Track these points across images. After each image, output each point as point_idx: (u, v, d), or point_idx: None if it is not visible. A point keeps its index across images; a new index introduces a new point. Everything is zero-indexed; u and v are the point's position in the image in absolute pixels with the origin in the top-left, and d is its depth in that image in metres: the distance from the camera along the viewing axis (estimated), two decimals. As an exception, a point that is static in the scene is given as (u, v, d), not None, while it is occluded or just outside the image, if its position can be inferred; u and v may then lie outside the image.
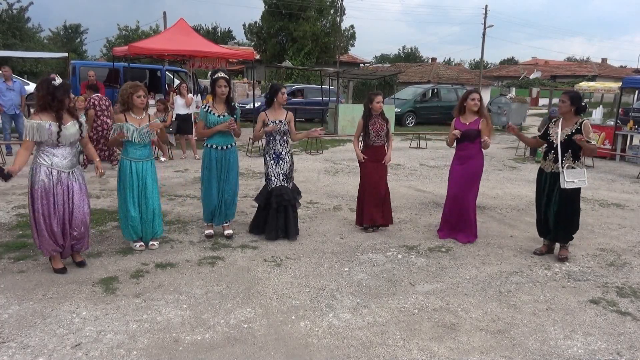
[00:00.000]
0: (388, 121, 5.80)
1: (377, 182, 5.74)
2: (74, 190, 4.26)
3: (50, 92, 4.07)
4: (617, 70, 47.98)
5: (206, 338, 3.39)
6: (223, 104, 5.25)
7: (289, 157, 5.45)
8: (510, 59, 71.26)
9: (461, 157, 5.52)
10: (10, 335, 3.33)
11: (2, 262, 4.56)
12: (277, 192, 5.31)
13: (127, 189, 4.81)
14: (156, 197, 4.98)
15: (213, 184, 5.26)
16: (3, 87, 10.18)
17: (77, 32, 49.91)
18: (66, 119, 4.19)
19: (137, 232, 4.95)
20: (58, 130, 4.09)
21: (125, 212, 4.88)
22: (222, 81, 5.16)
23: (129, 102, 4.78)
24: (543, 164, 5.17)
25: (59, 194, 4.18)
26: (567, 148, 4.92)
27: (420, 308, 3.95)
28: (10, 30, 30.08)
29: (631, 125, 12.93)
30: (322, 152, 12.42)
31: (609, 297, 4.28)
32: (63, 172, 4.21)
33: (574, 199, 5.01)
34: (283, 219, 5.37)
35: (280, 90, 5.37)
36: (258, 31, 36.10)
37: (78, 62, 17.21)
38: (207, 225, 5.51)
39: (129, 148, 4.83)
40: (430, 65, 41.62)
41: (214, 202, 5.31)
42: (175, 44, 12.62)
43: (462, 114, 5.50)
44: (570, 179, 4.85)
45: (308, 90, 20.68)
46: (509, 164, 11.52)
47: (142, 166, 4.85)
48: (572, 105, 4.92)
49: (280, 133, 5.35)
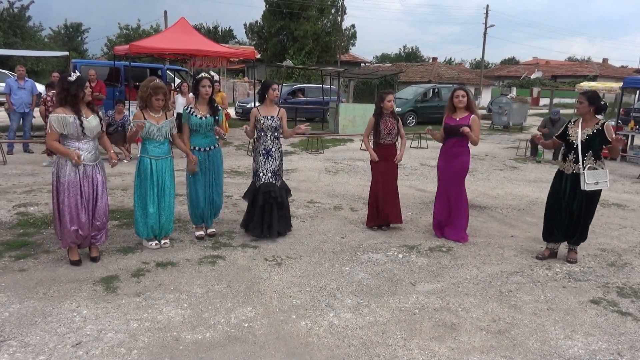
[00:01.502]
0: (399, 120, 5.80)
1: (387, 181, 5.77)
2: (98, 181, 4.47)
3: (65, 88, 4.25)
4: (618, 70, 47.96)
5: (207, 337, 3.39)
6: (206, 105, 5.17)
7: (279, 155, 5.41)
8: (511, 59, 71.28)
9: (447, 154, 5.56)
10: (11, 333, 3.33)
11: (3, 261, 4.56)
12: (264, 189, 5.28)
13: (147, 186, 4.82)
14: (173, 194, 5.02)
15: (199, 187, 5.24)
16: (15, 86, 10.33)
17: (78, 31, 49.88)
18: (87, 113, 4.37)
19: (155, 229, 4.95)
20: (80, 123, 4.24)
21: (144, 210, 4.86)
22: (207, 81, 5.11)
23: (148, 102, 4.79)
24: (562, 166, 4.99)
25: (85, 187, 4.36)
26: (588, 148, 4.79)
27: (421, 308, 3.95)
28: (11, 29, 30.12)
29: (632, 125, 12.93)
30: (323, 151, 12.42)
31: (610, 298, 4.28)
32: (88, 165, 4.37)
33: (596, 200, 4.93)
34: (269, 217, 5.33)
35: (271, 87, 5.29)
36: (259, 30, 36.12)
37: (79, 60, 17.21)
38: (197, 227, 5.47)
39: (148, 146, 4.85)
40: (431, 64, 41.65)
41: (202, 205, 5.29)
42: (176, 43, 12.62)
43: (453, 112, 5.53)
44: (591, 181, 4.73)
45: (309, 89, 20.68)
46: (509, 164, 11.51)
47: (161, 164, 4.87)
48: (590, 105, 4.82)
49: (271, 129, 5.31)
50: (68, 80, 4.24)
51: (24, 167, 9.01)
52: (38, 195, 6.97)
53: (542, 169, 11.01)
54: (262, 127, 5.28)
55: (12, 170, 8.67)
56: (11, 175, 8.33)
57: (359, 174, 9.46)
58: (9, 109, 10.42)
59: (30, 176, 8.24)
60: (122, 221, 5.86)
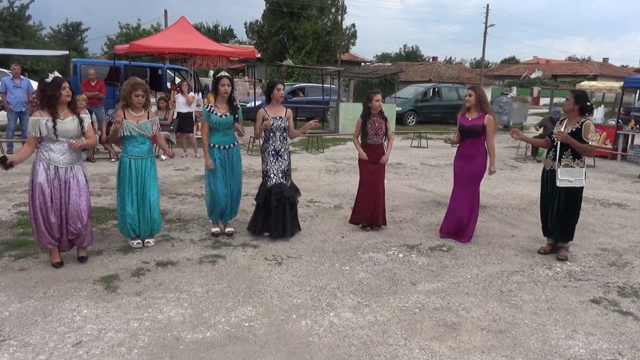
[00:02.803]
0: (387, 120, 5.75)
1: (374, 182, 5.73)
2: (71, 185, 4.35)
3: (41, 89, 4.22)
4: (619, 69, 47.93)
5: (207, 336, 3.39)
6: (225, 103, 5.22)
7: (287, 155, 5.42)
8: (512, 58, 71.22)
9: (463, 155, 5.50)
10: (11, 333, 3.32)
11: (3, 260, 4.56)
12: (276, 190, 5.29)
13: (126, 186, 4.79)
14: (155, 194, 4.96)
15: (219, 184, 5.25)
16: (11, 85, 10.25)
17: (78, 30, 49.85)
18: (66, 114, 4.29)
19: (135, 229, 4.93)
20: (53, 125, 4.17)
21: (123, 209, 4.86)
22: (226, 80, 5.15)
23: (128, 99, 4.77)
24: (544, 162, 5.20)
25: (55, 189, 4.29)
26: (567, 146, 4.90)
27: (421, 307, 3.95)
28: (11, 28, 30.08)
29: (632, 124, 12.92)
30: (323, 150, 12.42)
31: (611, 297, 4.27)
32: (61, 167, 4.29)
33: (576, 198, 4.98)
34: (282, 217, 5.34)
35: (276, 87, 5.30)
36: (259, 30, 36.10)
37: (79, 60, 17.18)
38: (213, 224, 5.50)
39: (127, 145, 4.82)
40: (431, 64, 41.62)
41: (222, 202, 5.30)
42: (176, 42, 12.60)
43: (468, 111, 5.50)
44: (564, 177, 4.85)
45: (309, 89, 20.67)
46: (510, 163, 11.51)
47: (141, 163, 4.83)
48: (575, 103, 4.92)
49: (280, 130, 5.32)
50: (45, 82, 4.19)
51: (24, 167, 8.96)
52: (38, 194, 6.96)
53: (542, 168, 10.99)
54: (272, 128, 5.28)
55: (11, 170, 8.61)
56: (11, 174, 8.31)
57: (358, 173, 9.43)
58: (5, 108, 10.35)
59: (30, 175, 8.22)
60: (122, 220, 5.85)
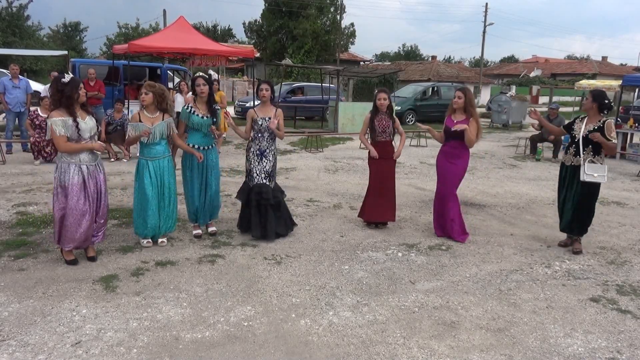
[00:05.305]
0: (395, 120, 5.78)
1: (384, 178, 5.76)
2: (101, 180, 4.50)
3: (59, 89, 4.20)
4: (618, 68, 47.98)
5: (206, 336, 3.39)
6: (205, 104, 5.18)
7: (273, 155, 5.39)
8: (511, 57, 71.26)
9: (446, 153, 5.54)
10: (10, 333, 3.32)
11: (2, 260, 4.56)
12: (256, 190, 5.26)
13: (146, 187, 4.82)
14: (173, 193, 5.02)
15: (195, 185, 5.25)
16: (9, 85, 10.23)
17: (77, 30, 49.84)
18: (82, 114, 4.35)
19: (154, 229, 4.95)
20: (76, 125, 4.22)
21: (144, 209, 4.87)
22: (200, 80, 5.12)
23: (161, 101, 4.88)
24: (564, 158, 5.35)
25: (91, 187, 4.37)
26: (588, 143, 5.08)
27: (421, 306, 3.95)
28: (9, 28, 30.03)
29: (631, 123, 12.93)
30: (322, 150, 12.41)
31: (609, 295, 4.28)
32: (90, 165, 4.38)
33: (594, 193, 5.17)
34: (264, 219, 5.30)
35: (260, 87, 5.27)
36: (258, 29, 36.06)
37: (78, 60, 17.16)
38: (194, 226, 5.48)
39: (143, 147, 4.88)
40: (430, 63, 41.59)
41: (197, 203, 5.30)
42: (175, 42, 12.60)
43: (454, 112, 5.53)
44: (590, 172, 5.03)
45: (308, 88, 20.66)
46: (509, 162, 11.52)
47: (158, 164, 4.88)
48: (593, 102, 5.12)
49: (268, 130, 5.29)
50: (62, 82, 4.18)
51: (23, 167, 9.00)
52: (37, 194, 6.96)
53: (541, 167, 11.01)
54: (260, 128, 5.27)
55: (11, 170, 8.66)
56: (10, 174, 8.32)
57: (358, 173, 9.45)
58: (4, 108, 10.33)
59: (29, 175, 8.23)
60: (122, 220, 5.85)
